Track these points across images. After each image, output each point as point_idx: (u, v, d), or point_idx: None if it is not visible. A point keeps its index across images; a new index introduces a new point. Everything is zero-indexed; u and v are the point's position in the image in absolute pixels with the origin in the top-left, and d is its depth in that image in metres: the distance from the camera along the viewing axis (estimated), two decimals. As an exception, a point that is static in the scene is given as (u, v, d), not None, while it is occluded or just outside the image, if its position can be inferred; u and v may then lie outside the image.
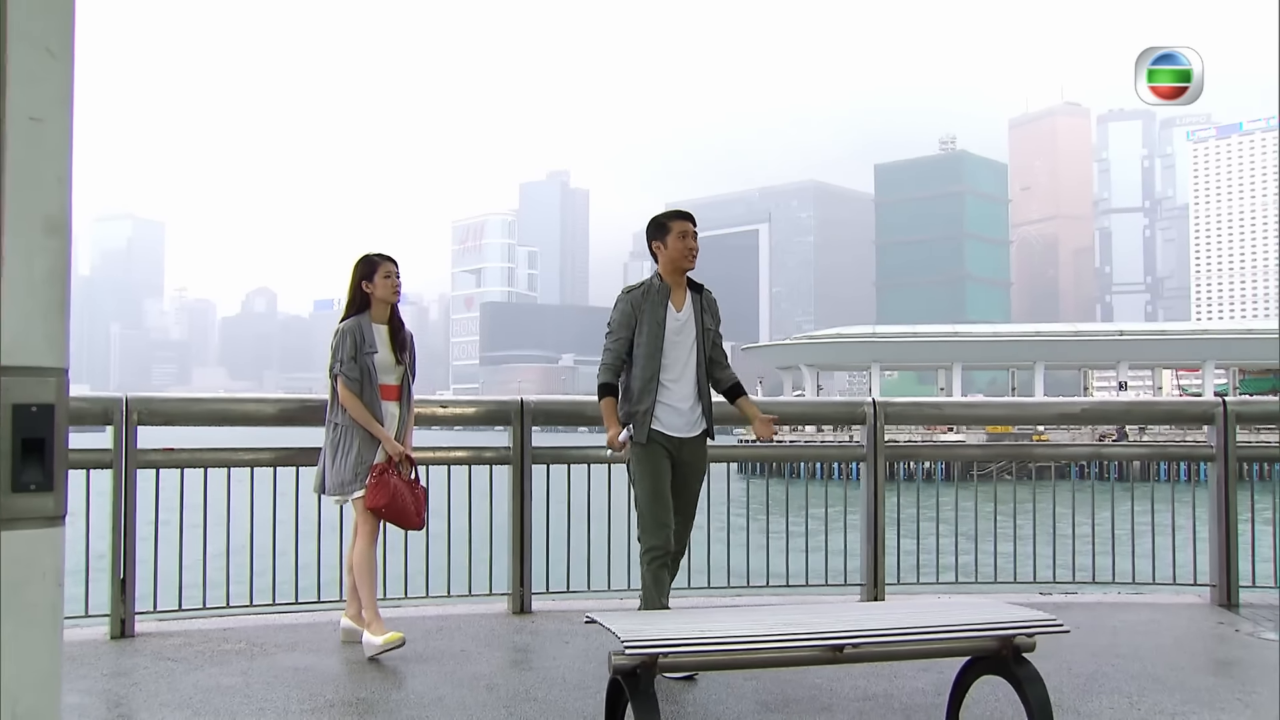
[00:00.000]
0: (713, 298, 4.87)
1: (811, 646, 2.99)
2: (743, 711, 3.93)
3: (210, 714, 3.87)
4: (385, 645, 4.67)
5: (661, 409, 4.61)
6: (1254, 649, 5.08)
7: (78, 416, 5.31)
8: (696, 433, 4.70)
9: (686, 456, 4.68)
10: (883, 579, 6.09)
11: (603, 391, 4.72)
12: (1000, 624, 3.13)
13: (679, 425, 4.63)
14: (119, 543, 5.15)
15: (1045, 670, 4.41)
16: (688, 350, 4.65)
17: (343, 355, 4.89)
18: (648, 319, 4.62)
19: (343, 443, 4.86)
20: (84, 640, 5.04)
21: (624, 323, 4.67)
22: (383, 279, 5.02)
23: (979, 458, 6.49)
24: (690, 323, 4.68)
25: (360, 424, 4.84)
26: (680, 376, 4.64)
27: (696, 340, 4.67)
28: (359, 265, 5.07)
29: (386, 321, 5.07)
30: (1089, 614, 5.85)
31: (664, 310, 4.63)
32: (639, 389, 4.62)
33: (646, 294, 4.67)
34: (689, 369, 4.66)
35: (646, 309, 4.63)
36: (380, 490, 4.80)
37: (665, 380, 4.62)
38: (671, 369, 4.62)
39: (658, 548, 4.55)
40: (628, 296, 4.73)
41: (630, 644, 2.81)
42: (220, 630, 5.25)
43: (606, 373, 4.72)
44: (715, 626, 3.01)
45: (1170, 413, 6.56)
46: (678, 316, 4.66)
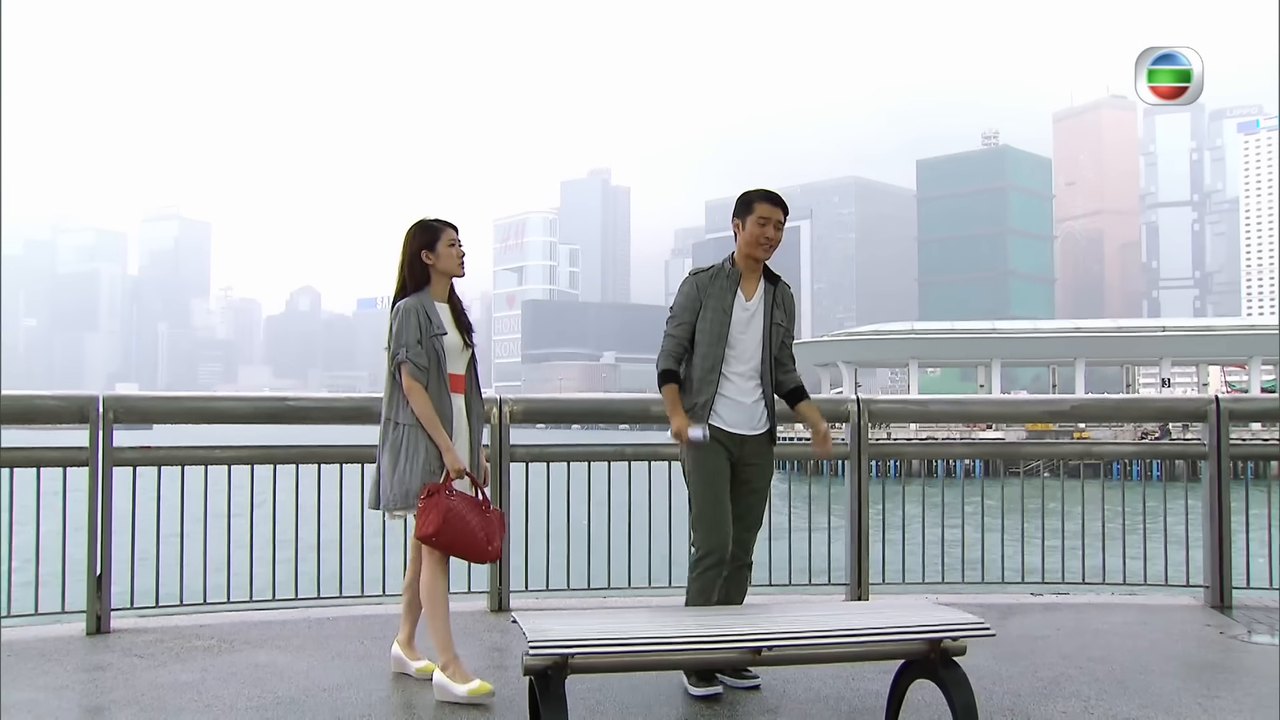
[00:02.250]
0: (790, 292, 4.45)
1: (728, 649, 2.95)
2: (691, 714, 3.89)
3: (157, 710, 3.89)
4: (470, 698, 3.95)
5: (722, 403, 4.22)
6: (1233, 652, 4.96)
7: (54, 415, 5.40)
8: (760, 431, 4.29)
9: (749, 456, 4.28)
10: (867, 578, 6.02)
11: (663, 379, 4.32)
12: (925, 627, 3.06)
13: (740, 421, 4.24)
14: (95, 540, 5.21)
15: (1010, 673, 4.40)
16: (755, 343, 4.27)
17: (407, 338, 4.09)
18: (713, 304, 4.24)
19: (407, 445, 4.08)
20: (59, 636, 5.11)
21: (688, 306, 4.28)
22: (446, 248, 4.23)
23: (964, 455, 6.40)
24: (759, 314, 4.29)
25: (423, 423, 4.07)
26: (745, 370, 4.26)
27: (764, 333, 4.28)
28: (416, 233, 4.25)
29: (448, 299, 4.33)
30: (1075, 615, 5.75)
31: (732, 297, 4.26)
32: (699, 379, 4.24)
33: (715, 278, 4.30)
34: (754, 363, 4.27)
35: (713, 293, 4.26)
36: (429, 515, 3.98)
37: (728, 372, 4.24)
38: (735, 360, 4.25)
39: (714, 553, 4.14)
40: (694, 279, 4.34)
41: (535, 644, 2.79)
42: (194, 627, 5.29)
43: (667, 359, 4.33)
44: (630, 627, 2.99)
45: (1163, 410, 6.42)
46: (746, 305, 4.27)
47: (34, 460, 5.25)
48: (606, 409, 6.80)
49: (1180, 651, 4.92)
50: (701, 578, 4.16)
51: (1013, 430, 45.39)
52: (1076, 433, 41.66)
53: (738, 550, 4.25)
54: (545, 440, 5.94)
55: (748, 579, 4.41)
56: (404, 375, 4.07)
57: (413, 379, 4.06)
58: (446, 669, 4.04)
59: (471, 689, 3.96)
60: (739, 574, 4.31)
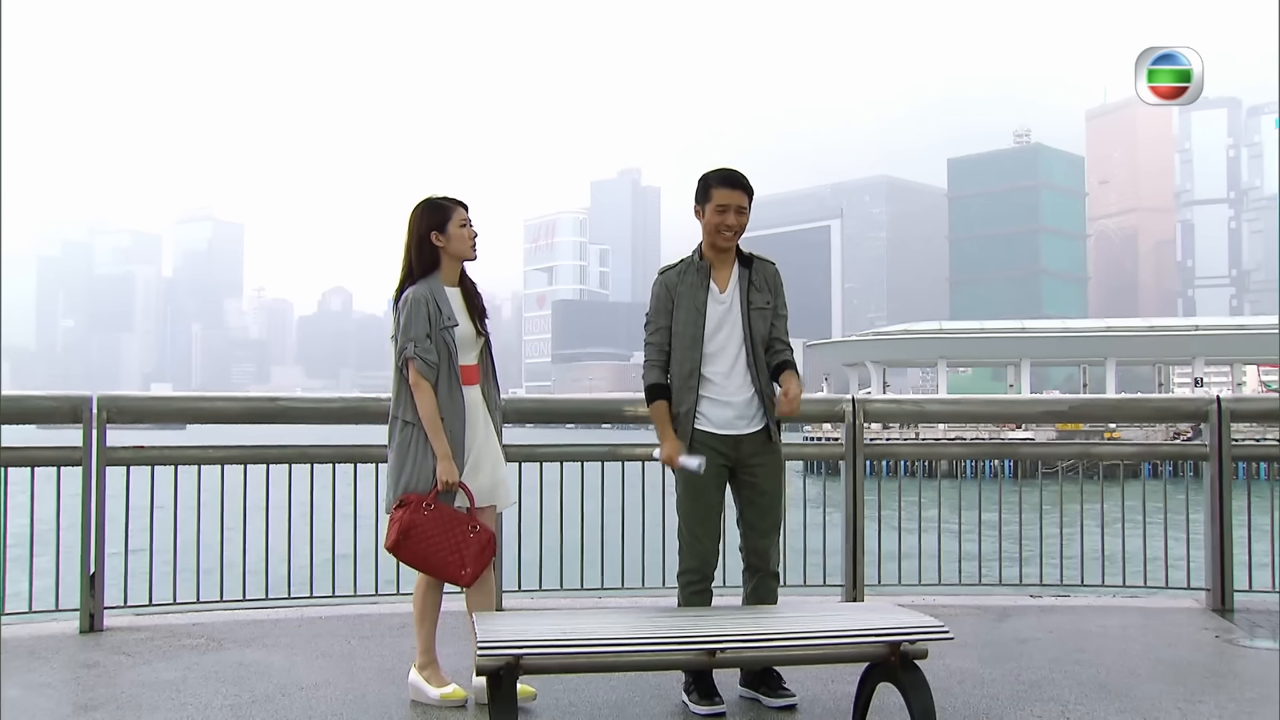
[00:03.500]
0: (771, 268, 4.10)
1: (681, 651, 2.93)
2: (657, 713, 3.88)
3: (133, 709, 3.92)
4: (443, 701, 3.88)
5: (708, 404, 3.95)
6: (1225, 656, 4.89)
7: (48, 414, 5.46)
8: (756, 428, 3.98)
9: (748, 457, 3.98)
10: (862, 580, 5.98)
11: (651, 395, 4.03)
12: (882, 631, 3.03)
13: (730, 421, 3.95)
14: (89, 538, 5.26)
15: (992, 676, 4.36)
16: (736, 335, 3.96)
17: (416, 331, 3.84)
18: (685, 304, 3.96)
19: (414, 445, 3.87)
20: (51, 634, 5.16)
21: (661, 309, 4.03)
22: (457, 229, 3.96)
23: (961, 455, 6.33)
24: (736, 303, 3.98)
25: (424, 425, 3.84)
26: (730, 369, 3.96)
27: (744, 323, 3.96)
28: (423, 213, 3.97)
29: (458, 283, 4.04)
30: (1071, 618, 5.69)
31: (704, 292, 3.97)
32: (678, 387, 3.98)
33: (684, 274, 4.01)
34: (740, 359, 3.96)
35: (684, 292, 3.98)
36: (391, 528, 3.81)
37: (710, 374, 3.95)
38: (717, 360, 3.95)
39: (691, 571, 3.96)
40: (662, 279, 4.06)
41: (484, 645, 2.78)
42: (186, 625, 5.33)
43: (652, 371, 4.04)
44: (582, 628, 2.98)
45: (1162, 410, 6.32)
46: (721, 298, 3.97)
47: (29, 460, 5.31)
48: (595, 409, 6.72)
49: (1171, 655, 4.84)
50: (684, 594, 4.01)
51: (1043, 430, 45.00)
52: (1108, 433, 41.28)
53: (755, 560, 4.03)
54: (536, 440, 5.93)
55: (773, 589, 4.05)
56: (411, 372, 3.85)
57: (420, 376, 3.83)
58: (424, 670, 3.97)
59: (445, 693, 3.90)
60: (763, 585, 4.02)
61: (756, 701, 3.96)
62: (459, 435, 3.89)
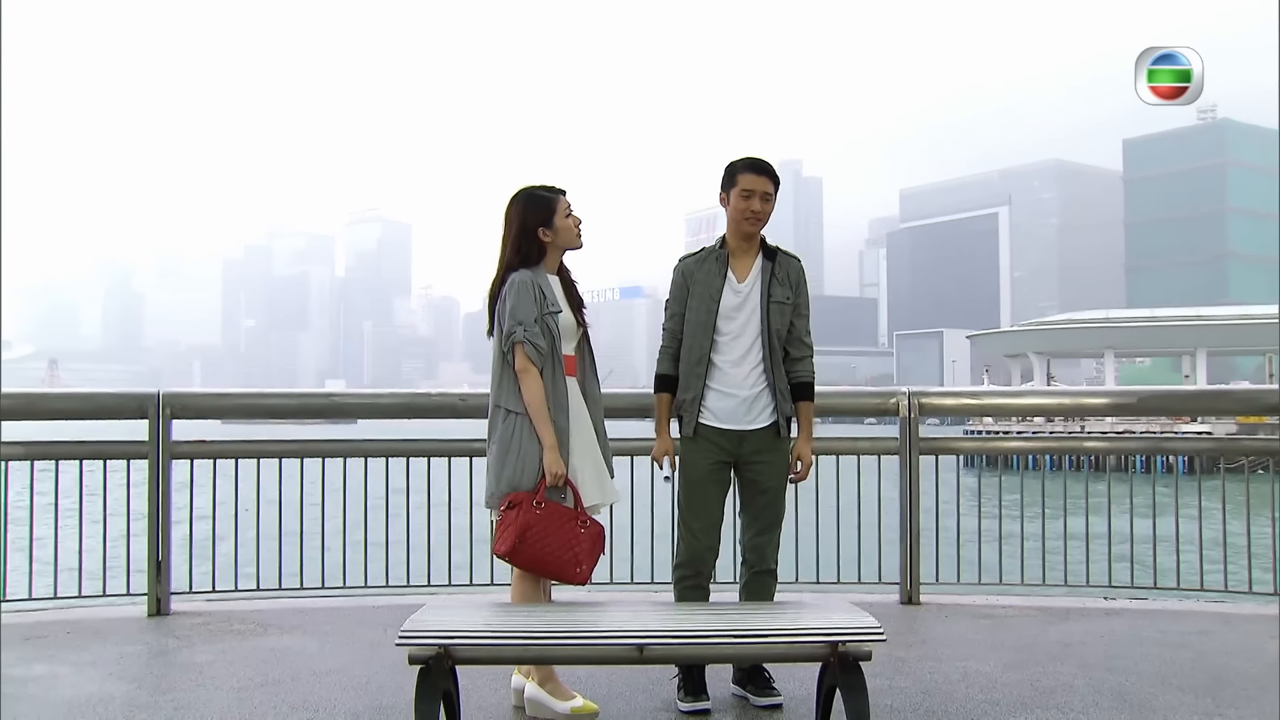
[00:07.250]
0: (796, 264, 4.04)
1: (608, 645, 2.93)
2: (648, 708, 3.87)
3: (149, 689, 4.12)
4: (573, 714, 3.64)
5: (713, 396, 3.89)
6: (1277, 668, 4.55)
7: (116, 410, 5.83)
8: (763, 424, 3.90)
9: (751, 454, 3.92)
10: (918, 578, 5.82)
11: (657, 384, 4.02)
12: (815, 630, 2.95)
13: (736, 415, 3.89)
14: (155, 527, 5.59)
15: (1007, 681, 4.19)
16: (751, 328, 3.90)
17: (524, 314, 3.65)
18: (699, 290, 3.92)
19: (520, 435, 3.66)
20: (120, 617, 5.51)
21: (678, 296, 3.99)
22: (563, 220, 3.80)
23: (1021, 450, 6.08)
24: (754, 295, 3.91)
25: (530, 413, 3.65)
26: (739, 358, 3.89)
27: (762, 316, 3.90)
28: (526, 204, 3.80)
29: (558, 272, 3.91)
30: (1133, 622, 5.41)
31: (721, 280, 3.91)
32: (685, 373, 3.94)
33: (703, 261, 3.97)
34: (752, 351, 3.90)
35: (700, 279, 3.93)
36: (505, 531, 3.57)
37: (719, 362, 3.89)
38: (727, 349, 3.89)
39: (686, 566, 3.93)
40: (681, 265, 4.02)
41: (406, 634, 2.84)
42: (244, 611, 5.59)
43: (663, 360, 4.03)
44: (513, 620, 3.00)
45: (1243, 401, 5.89)
46: (738, 288, 3.92)
47: (100, 453, 5.67)
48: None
49: (1220, 665, 4.53)
50: (678, 589, 3.97)
51: (1222, 424, 42.55)
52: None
53: (753, 557, 3.98)
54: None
55: (770, 587, 4.00)
56: (518, 357, 3.65)
57: (529, 361, 3.64)
58: (545, 684, 3.71)
59: (575, 707, 3.66)
60: (759, 581, 3.98)
61: (745, 700, 3.92)
62: (564, 427, 3.71)
